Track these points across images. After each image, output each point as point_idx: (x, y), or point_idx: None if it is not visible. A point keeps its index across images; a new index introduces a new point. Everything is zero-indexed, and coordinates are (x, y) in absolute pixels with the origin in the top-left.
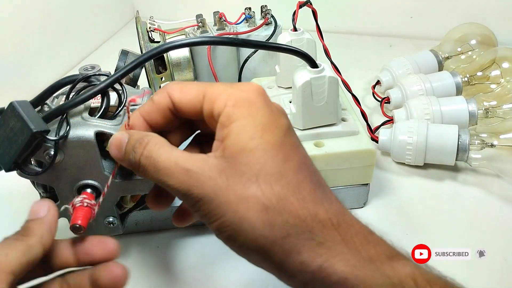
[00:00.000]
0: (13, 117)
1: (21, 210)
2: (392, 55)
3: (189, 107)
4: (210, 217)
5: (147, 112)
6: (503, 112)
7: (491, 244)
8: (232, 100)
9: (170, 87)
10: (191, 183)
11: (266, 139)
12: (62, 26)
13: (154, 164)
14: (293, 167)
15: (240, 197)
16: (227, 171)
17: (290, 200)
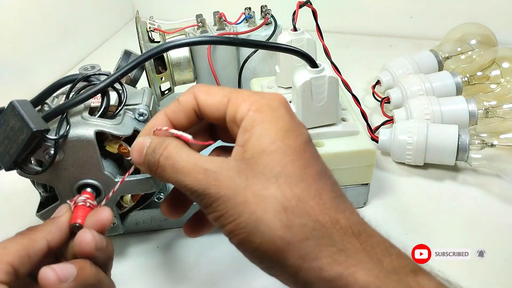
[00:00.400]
0: (13, 116)
1: (21, 210)
2: (392, 55)
3: (213, 110)
4: (226, 218)
5: (172, 112)
6: (503, 112)
7: (491, 244)
8: (256, 106)
9: (197, 89)
10: (209, 182)
11: (287, 143)
12: (62, 26)
13: (173, 164)
14: (313, 174)
15: (259, 197)
16: (247, 171)
17: (310, 203)
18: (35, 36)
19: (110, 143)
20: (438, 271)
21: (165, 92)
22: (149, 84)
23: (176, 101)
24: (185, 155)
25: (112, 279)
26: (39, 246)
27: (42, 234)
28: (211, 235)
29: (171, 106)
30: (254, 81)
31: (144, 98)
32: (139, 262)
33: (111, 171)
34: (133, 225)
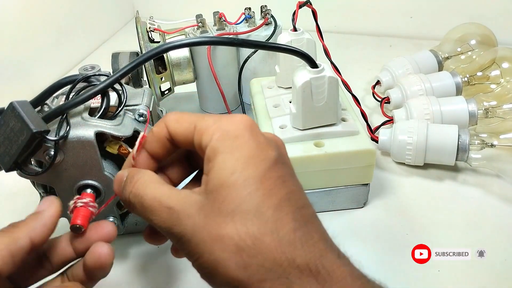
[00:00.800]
0: (13, 117)
1: (21, 210)
2: (392, 55)
3: (183, 138)
4: (190, 256)
5: (148, 142)
6: (503, 112)
7: (491, 244)
8: (218, 133)
9: (167, 118)
10: (172, 222)
11: (247, 173)
12: (62, 26)
13: (141, 202)
14: (273, 205)
15: (216, 237)
16: (206, 208)
17: (266, 241)
18: (35, 36)
19: (110, 144)
20: (438, 271)
21: (165, 92)
22: (149, 84)
23: (150, 132)
24: (151, 192)
25: (112, 279)
26: (22, 244)
27: (25, 231)
28: None
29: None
30: (254, 81)
31: (144, 99)
32: (139, 262)
33: (111, 171)
34: (133, 226)
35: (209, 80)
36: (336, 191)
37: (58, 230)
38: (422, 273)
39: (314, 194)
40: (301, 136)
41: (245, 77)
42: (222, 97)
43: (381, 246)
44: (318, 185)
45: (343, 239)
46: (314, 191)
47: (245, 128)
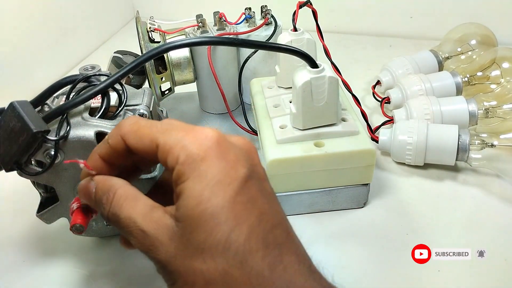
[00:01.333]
0: (13, 117)
1: (21, 210)
2: (392, 55)
3: (145, 154)
4: (166, 280)
5: (105, 154)
6: (503, 112)
7: (491, 244)
8: (183, 156)
9: (123, 130)
10: (147, 246)
11: (214, 202)
12: (62, 26)
13: (118, 222)
14: (243, 233)
15: (187, 269)
16: (177, 238)
17: (235, 275)
18: (35, 36)
19: None
20: (438, 271)
21: (165, 92)
22: (149, 84)
23: (106, 144)
24: (126, 211)
25: (113, 279)
26: None
27: None
28: None
29: (102, 148)
30: (254, 81)
31: (144, 99)
32: (140, 262)
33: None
34: None
35: (209, 80)
36: (336, 191)
37: (58, 230)
38: (422, 273)
39: (314, 194)
40: (301, 136)
41: (245, 77)
42: (222, 97)
43: (381, 246)
44: (318, 185)
45: (343, 239)
46: (314, 191)
47: (212, 147)
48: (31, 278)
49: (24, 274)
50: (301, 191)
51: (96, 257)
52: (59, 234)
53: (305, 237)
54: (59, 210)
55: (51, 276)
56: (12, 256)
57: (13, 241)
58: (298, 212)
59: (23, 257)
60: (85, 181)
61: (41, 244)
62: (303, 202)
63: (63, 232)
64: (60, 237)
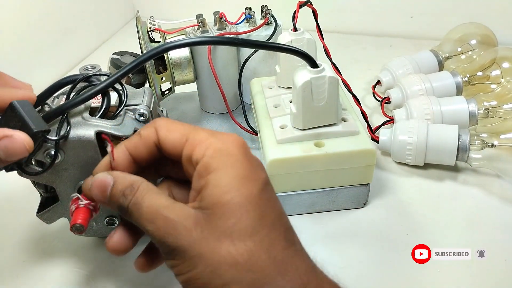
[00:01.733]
0: (13, 117)
1: (21, 210)
2: (392, 55)
3: (171, 147)
4: (181, 268)
5: (133, 145)
6: (503, 112)
7: (491, 244)
8: (211, 150)
9: (158, 123)
10: (167, 231)
11: (242, 192)
12: (62, 26)
13: (138, 210)
14: (267, 224)
15: (213, 251)
16: (202, 223)
17: (262, 257)
18: (35, 36)
19: None
20: (438, 271)
21: (165, 92)
22: (149, 84)
23: (138, 135)
24: (149, 201)
25: (113, 279)
26: None
27: None
28: None
29: (132, 139)
30: (254, 81)
31: (145, 99)
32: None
33: None
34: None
35: (210, 80)
36: (336, 191)
37: (58, 230)
38: (422, 273)
39: (314, 194)
40: (301, 136)
41: (245, 77)
42: (223, 97)
43: (381, 246)
44: (318, 185)
45: (343, 239)
46: (314, 191)
47: (238, 148)
48: (31, 278)
49: (24, 274)
50: (301, 191)
51: (96, 257)
52: (59, 234)
53: (305, 237)
54: (59, 210)
55: (51, 276)
56: (12, 256)
57: (13, 241)
58: (298, 212)
59: (23, 257)
60: (103, 174)
61: (41, 244)
62: (303, 202)
63: (63, 232)
64: (60, 237)
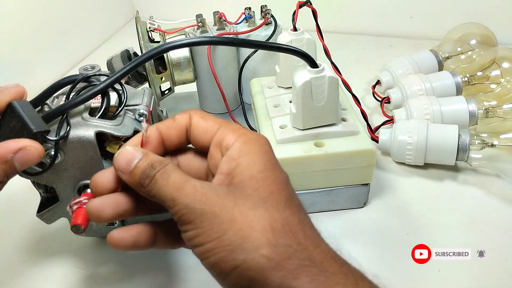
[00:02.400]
0: (13, 117)
1: (21, 210)
2: (392, 55)
3: (202, 133)
4: (208, 235)
5: (166, 127)
6: (503, 112)
7: (491, 244)
8: (243, 138)
9: (193, 111)
10: (196, 197)
11: (274, 174)
12: (62, 26)
13: (166, 178)
14: (296, 205)
15: (246, 217)
16: (235, 193)
17: (296, 228)
18: (35, 36)
19: (110, 143)
20: (438, 271)
21: (165, 92)
22: (149, 84)
23: (172, 119)
24: (178, 173)
25: (113, 279)
26: None
27: None
28: None
29: (166, 122)
30: (254, 81)
31: (144, 99)
32: (140, 262)
33: None
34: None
35: (209, 80)
36: (336, 191)
37: (58, 230)
38: (422, 273)
39: (314, 194)
40: (301, 136)
41: (245, 77)
42: (222, 97)
43: (381, 246)
44: (318, 185)
45: (343, 239)
46: (314, 191)
47: (266, 141)
48: (31, 278)
49: (24, 274)
50: (301, 191)
51: (96, 257)
52: (59, 234)
53: None
54: (59, 210)
55: (51, 276)
56: (12, 256)
57: (13, 241)
58: None
59: (23, 257)
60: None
61: (41, 244)
62: (303, 202)
63: (63, 232)
64: (60, 237)
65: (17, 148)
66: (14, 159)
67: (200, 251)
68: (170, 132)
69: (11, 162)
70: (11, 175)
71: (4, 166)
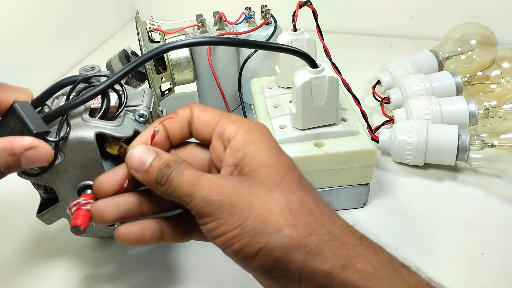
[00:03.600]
0: (13, 118)
1: (21, 211)
2: (392, 55)
3: (203, 125)
4: (230, 224)
5: (169, 122)
6: (503, 112)
7: (491, 244)
8: (244, 128)
9: (194, 105)
10: (213, 189)
11: (281, 158)
12: (62, 26)
13: (181, 175)
14: (308, 186)
15: (264, 201)
16: (249, 181)
17: (312, 206)
18: (35, 37)
19: (110, 144)
20: (438, 271)
21: (165, 92)
22: (149, 84)
23: (174, 113)
24: (192, 169)
25: (112, 279)
26: None
27: None
28: None
29: (168, 117)
30: (254, 81)
31: (144, 99)
32: (140, 262)
33: None
34: None
35: (209, 80)
36: (336, 191)
37: (58, 230)
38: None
39: None
40: (301, 136)
41: (245, 77)
42: (222, 97)
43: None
44: (318, 185)
45: None
46: None
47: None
48: (31, 278)
49: (24, 274)
50: None
51: (96, 257)
52: (59, 234)
53: None
54: (59, 210)
55: (51, 276)
56: (12, 256)
57: (13, 241)
58: None
59: (23, 257)
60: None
61: (41, 244)
62: None
63: (63, 233)
64: (60, 237)
65: (28, 146)
66: (23, 155)
67: (222, 240)
68: (174, 126)
69: (19, 157)
70: (13, 170)
71: (10, 159)
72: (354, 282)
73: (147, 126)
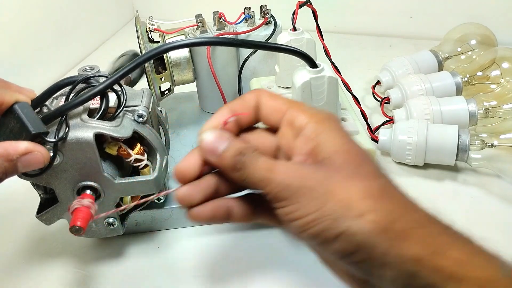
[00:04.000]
0: (12, 118)
1: (21, 211)
2: (392, 55)
3: (272, 112)
4: (308, 209)
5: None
6: (503, 112)
7: (491, 244)
8: (316, 118)
9: (261, 91)
10: (290, 174)
11: (355, 146)
12: (61, 27)
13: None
14: (387, 175)
15: (344, 187)
16: (326, 167)
17: (392, 193)
18: (35, 37)
19: (109, 145)
20: None
21: (164, 92)
22: (148, 85)
23: (241, 98)
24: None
25: (112, 279)
26: None
27: None
28: (211, 235)
29: (235, 101)
30: (254, 81)
31: (144, 99)
32: (139, 262)
33: (110, 173)
34: (133, 226)
35: (209, 80)
36: None
37: (57, 230)
38: None
39: None
40: None
41: (245, 77)
42: (222, 97)
43: None
44: None
45: None
46: None
47: (337, 118)
48: (31, 278)
49: (24, 274)
50: None
51: (95, 257)
52: (58, 234)
53: None
54: (59, 211)
55: (51, 277)
56: (12, 256)
57: (13, 241)
58: None
59: (23, 257)
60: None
61: (41, 245)
62: None
63: (62, 233)
64: (60, 237)
65: (24, 151)
66: (19, 160)
67: (300, 223)
68: (243, 111)
69: (15, 162)
70: (10, 174)
71: (7, 165)
72: (446, 268)
73: (146, 126)
